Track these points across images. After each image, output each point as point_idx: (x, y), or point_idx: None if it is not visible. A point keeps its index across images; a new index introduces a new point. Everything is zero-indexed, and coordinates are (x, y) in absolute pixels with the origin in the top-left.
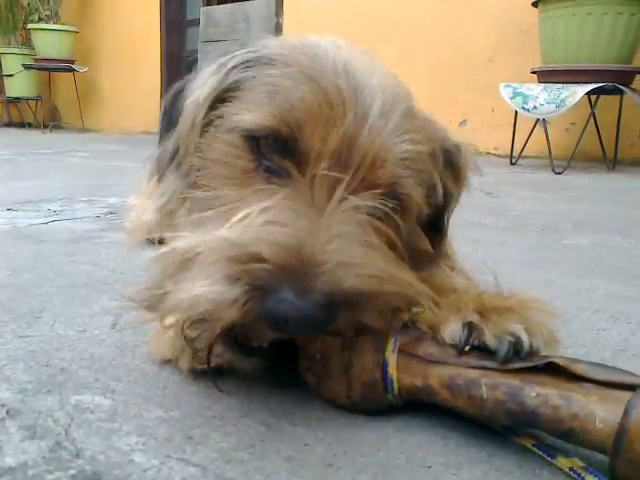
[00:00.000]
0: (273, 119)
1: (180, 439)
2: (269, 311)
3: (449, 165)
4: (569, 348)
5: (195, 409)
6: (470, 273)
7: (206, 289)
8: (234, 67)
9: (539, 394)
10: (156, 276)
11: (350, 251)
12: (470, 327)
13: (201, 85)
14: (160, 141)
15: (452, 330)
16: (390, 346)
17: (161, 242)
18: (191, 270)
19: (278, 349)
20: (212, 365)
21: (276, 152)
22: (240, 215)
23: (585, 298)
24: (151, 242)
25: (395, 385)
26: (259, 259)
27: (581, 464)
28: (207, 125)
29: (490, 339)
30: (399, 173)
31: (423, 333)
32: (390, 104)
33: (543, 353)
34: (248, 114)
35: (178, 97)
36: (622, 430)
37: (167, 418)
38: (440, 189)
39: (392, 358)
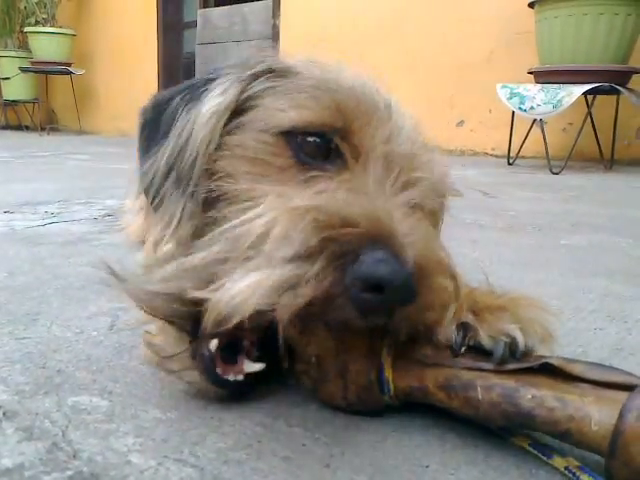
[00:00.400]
0: (323, 115)
1: (177, 440)
2: (366, 273)
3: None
4: (566, 347)
5: (192, 410)
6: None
7: (273, 272)
8: (255, 77)
9: (534, 396)
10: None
11: (420, 231)
12: (465, 328)
13: (220, 94)
14: (143, 157)
15: (447, 331)
16: (386, 348)
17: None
18: (258, 253)
19: (274, 355)
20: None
21: (321, 151)
22: (310, 191)
23: (582, 298)
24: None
25: (391, 387)
26: (353, 224)
27: (576, 463)
28: (223, 137)
29: (485, 339)
30: (424, 179)
31: (418, 334)
32: (415, 124)
33: (539, 351)
34: (288, 113)
35: (163, 109)
36: (617, 433)
37: (164, 419)
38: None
39: (387, 360)
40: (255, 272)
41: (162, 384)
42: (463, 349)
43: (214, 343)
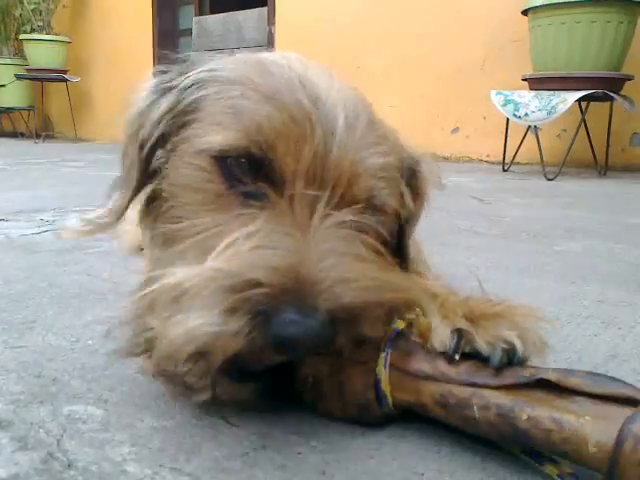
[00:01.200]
0: (243, 139)
1: (173, 449)
2: (277, 334)
3: (409, 179)
4: (561, 353)
5: (188, 418)
6: (445, 279)
7: (204, 321)
8: (188, 87)
9: (529, 417)
10: (141, 316)
11: (343, 266)
12: (460, 334)
13: (143, 107)
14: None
15: (441, 337)
16: (381, 361)
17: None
18: (181, 306)
19: (275, 372)
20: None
21: (249, 173)
22: (224, 243)
23: (577, 304)
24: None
25: (389, 400)
26: (257, 284)
27: (569, 470)
28: (169, 151)
29: (482, 345)
30: (374, 185)
31: (414, 346)
32: (353, 116)
33: (534, 360)
34: (216, 135)
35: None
36: (614, 459)
37: (160, 428)
38: (408, 199)
39: (384, 374)
40: (192, 318)
41: (158, 393)
42: (457, 356)
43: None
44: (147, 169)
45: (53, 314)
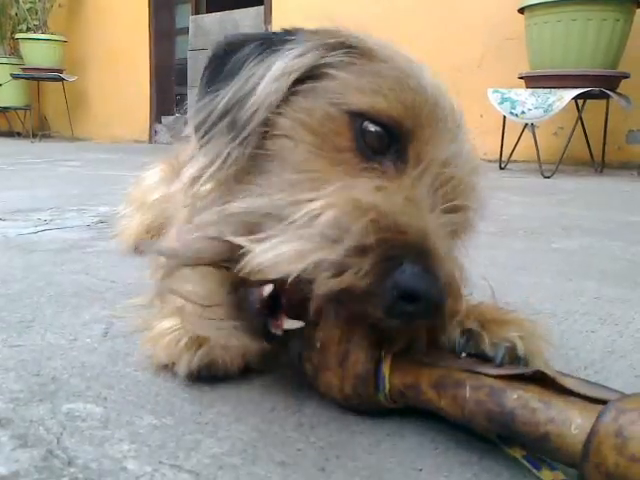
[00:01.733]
0: (396, 110)
1: (173, 446)
2: (401, 283)
3: None
4: (559, 350)
5: (187, 416)
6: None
7: (334, 248)
8: (333, 47)
9: (520, 396)
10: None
11: (452, 252)
12: (469, 334)
13: (297, 56)
14: (201, 94)
15: (451, 336)
16: (387, 345)
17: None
18: (302, 230)
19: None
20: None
21: (380, 141)
22: (368, 185)
23: (574, 301)
24: (141, 250)
25: (386, 384)
26: (403, 231)
27: (562, 477)
28: (287, 96)
29: (488, 347)
30: (471, 199)
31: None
32: (473, 147)
33: (537, 363)
34: (363, 96)
35: (234, 52)
36: (592, 433)
37: (159, 425)
38: None
39: (387, 357)
40: (302, 241)
41: (157, 390)
42: (464, 355)
43: (267, 289)
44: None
45: (51, 313)
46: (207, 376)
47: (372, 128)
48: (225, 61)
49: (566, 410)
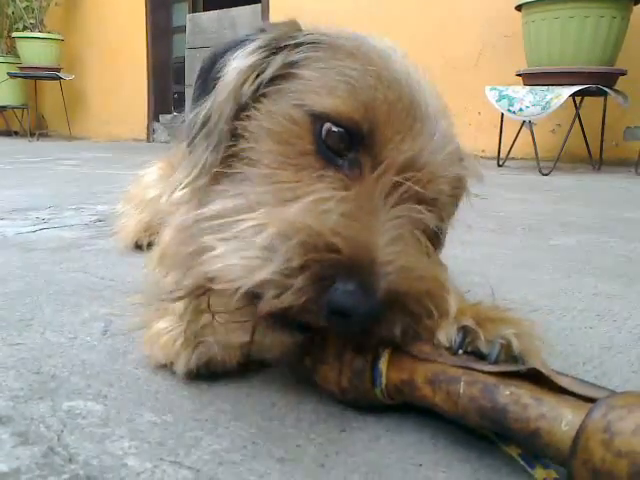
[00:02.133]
0: (356, 111)
1: (173, 442)
2: (332, 301)
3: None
4: (557, 346)
5: (187, 413)
6: (459, 286)
7: (273, 267)
8: (299, 45)
9: (512, 393)
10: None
11: (407, 255)
12: (465, 331)
13: (248, 54)
14: (192, 106)
15: (448, 333)
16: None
17: (150, 246)
18: (252, 241)
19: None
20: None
21: (342, 143)
22: (311, 198)
23: (572, 297)
24: (140, 247)
25: (383, 379)
26: (335, 250)
27: (555, 475)
28: (256, 98)
29: (483, 344)
30: (446, 192)
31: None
32: (449, 125)
33: (529, 363)
34: (324, 98)
35: (217, 61)
36: (581, 429)
37: (159, 422)
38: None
39: (385, 353)
40: (245, 255)
41: (157, 388)
42: (461, 351)
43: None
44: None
45: (50, 312)
46: (206, 374)
47: (333, 130)
48: (209, 73)
49: (558, 407)
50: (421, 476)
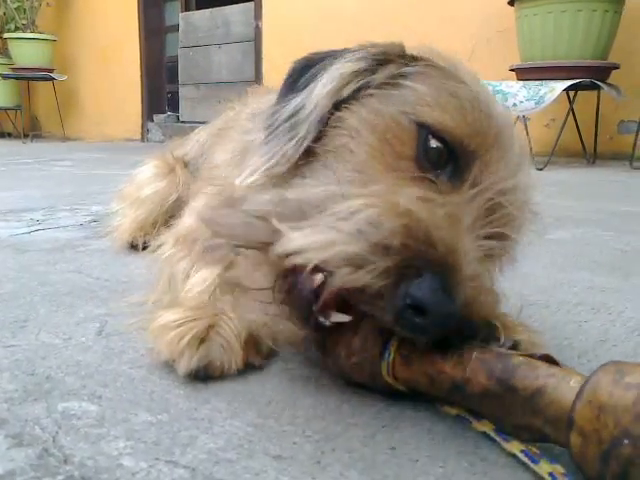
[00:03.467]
0: (463, 129)
1: (168, 442)
2: (413, 294)
3: None
4: (552, 340)
5: (183, 412)
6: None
7: (361, 243)
8: (409, 62)
9: (525, 359)
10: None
11: (482, 277)
12: (492, 328)
13: (355, 60)
14: (277, 102)
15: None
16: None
17: (145, 247)
18: (322, 225)
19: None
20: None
21: (442, 158)
22: (414, 193)
23: (567, 291)
24: (135, 246)
25: (392, 353)
26: (432, 244)
27: (561, 470)
28: (362, 96)
29: (496, 341)
30: (517, 235)
31: None
32: (529, 168)
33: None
34: (434, 111)
35: (312, 65)
36: (593, 374)
37: (155, 422)
38: None
39: (396, 339)
40: (334, 233)
41: (152, 388)
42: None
43: (319, 278)
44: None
45: (45, 312)
46: (203, 377)
47: (435, 142)
48: (302, 74)
49: (567, 372)
50: (418, 471)
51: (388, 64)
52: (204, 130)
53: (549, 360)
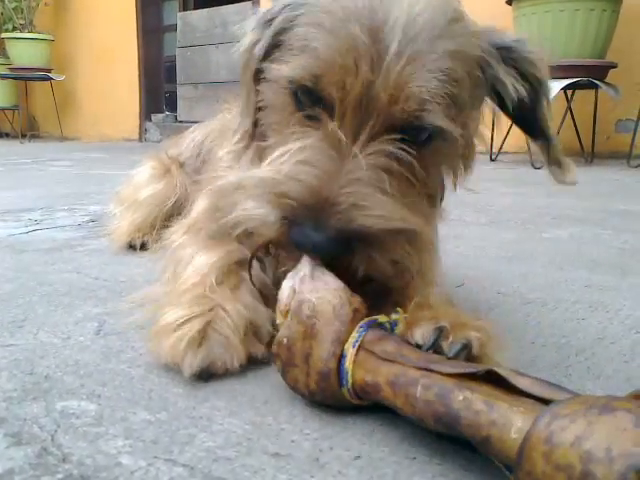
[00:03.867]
0: (300, 72)
1: (167, 440)
2: (293, 239)
3: (511, 61)
4: (550, 338)
5: (181, 410)
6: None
7: (254, 211)
8: (282, 10)
9: (465, 398)
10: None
11: (364, 195)
12: (440, 332)
13: (251, 40)
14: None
15: (424, 332)
16: (352, 340)
17: (143, 247)
18: (241, 197)
19: None
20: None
21: (310, 100)
22: (276, 154)
23: (565, 289)
24: (133, 247)
25: (349, 379)
26: (287, 196)
27: None
28: (263, 68)
29: (446, 345)
30: (418, 107)
31: (389, 334)
32: (414, 31)
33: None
34: (285, 66)
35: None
36: (526, 439)
37: (153, 420)
38: (507, 89)
39: (351, 352)
40: (250, 202)
41: (150, 386)
42: (431, 351)
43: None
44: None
45: (43, 312)
46: (207, 376)
47: (300, 92)
48: None
49: (509, 413)
50: (415, 469)
51: (270, 25)
52: (199, 130)
53: (494, 375)
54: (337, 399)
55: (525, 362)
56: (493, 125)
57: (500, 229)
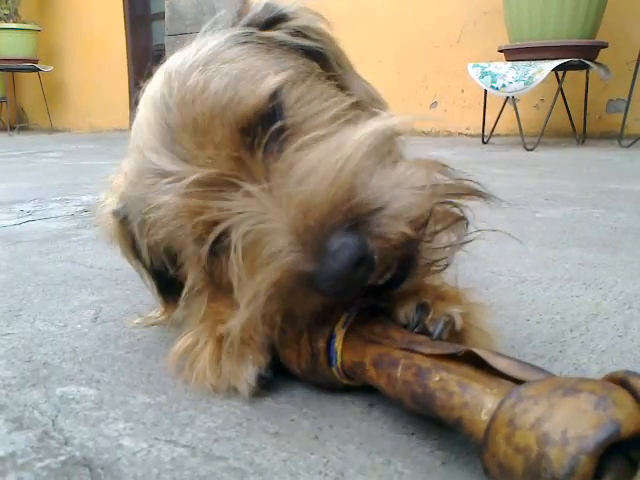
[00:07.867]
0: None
1: (168, 422)
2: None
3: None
4: (545, 315)
5: (181, 393)
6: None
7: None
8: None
9: (441, 379)
10: None
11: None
12: (423, 309)
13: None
14: None
15: (406, 311)
16: (342, 320)
17: None
18: None
19: None
20: None
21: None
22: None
23: (559, 267)
24: None
25: (338, 359)
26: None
27: None
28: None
29: (428, 321)
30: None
31: (379, 315)
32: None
33: (484, 344)
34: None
35: None
36: (491, 421)
37: (153, 403)
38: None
39: (340, 333)
40: None
41: (149, 371)
42: (416, 330)
43: None
44: None
45: (39, 301)
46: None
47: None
48: None
49: (481, 395)
50: (413, 444)
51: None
52: None
53: (472, 356)
54: (327, 379)
55: (520, 339)
56: (485, 108)
57: (493, 210)
